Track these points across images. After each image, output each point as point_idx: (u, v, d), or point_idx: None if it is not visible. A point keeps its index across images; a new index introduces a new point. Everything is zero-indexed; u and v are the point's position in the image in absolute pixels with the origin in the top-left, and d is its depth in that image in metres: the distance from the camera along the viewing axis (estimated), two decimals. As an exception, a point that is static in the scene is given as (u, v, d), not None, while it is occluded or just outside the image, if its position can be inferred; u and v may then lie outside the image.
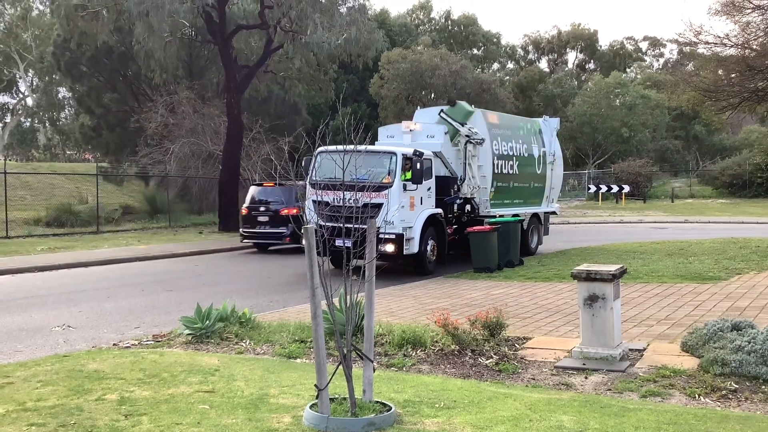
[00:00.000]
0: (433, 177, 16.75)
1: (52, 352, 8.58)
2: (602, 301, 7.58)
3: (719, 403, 6.31)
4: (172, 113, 32.73)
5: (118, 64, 36.53)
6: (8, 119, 59.15)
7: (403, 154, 15.78)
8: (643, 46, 76.69)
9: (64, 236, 24.75)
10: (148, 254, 19.99)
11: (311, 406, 5.65)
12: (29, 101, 57.46)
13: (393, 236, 15.31)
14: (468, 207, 18.21)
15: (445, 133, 18.11)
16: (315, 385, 5.59)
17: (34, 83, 54.14)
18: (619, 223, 34.35)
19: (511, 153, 19.63)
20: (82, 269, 17.43)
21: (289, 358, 8.07)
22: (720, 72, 22.52)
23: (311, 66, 34.71)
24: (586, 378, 7.17)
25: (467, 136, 17.87)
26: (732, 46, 20.85)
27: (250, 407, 6.01)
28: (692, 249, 19.58)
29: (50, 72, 44.01)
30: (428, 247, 16.34)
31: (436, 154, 17.24)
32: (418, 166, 15.78)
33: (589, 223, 34.78)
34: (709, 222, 33.83)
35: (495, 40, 69.12)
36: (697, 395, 6.51)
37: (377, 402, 5.82)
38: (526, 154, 20.44)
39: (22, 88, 58.63)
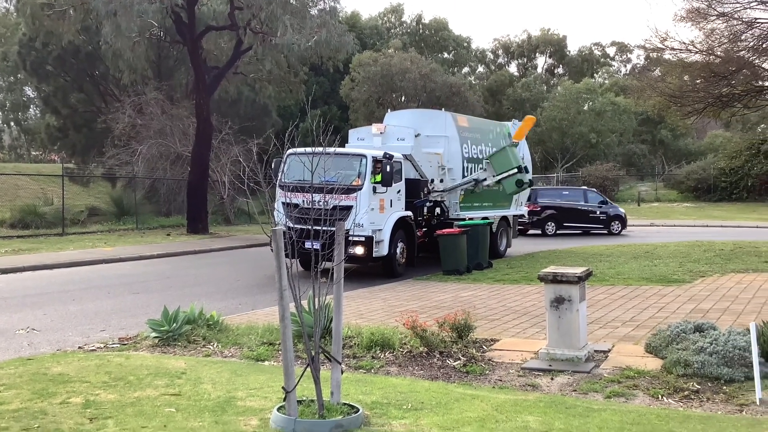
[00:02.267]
0: (403, 180, 16.80)
1: (16, 356, 8.45)
2: (568, 303, 7.67)
3: (682, 404, 6.42)
4: (140, 114, 32.40)
5: (85, 64, 36.06)
6: (-28, 119, 58.03)
7: (373, 157, 15.81)
8: (611, 51, 77.61)
9: (28, 238, 24.36)
10: (114, 256, 19.76)
11: (279, 409, 5.64)
12: (-7, 101, 56.41)
13: (362, 238, 15.33)
14: (438, 210, 18.27)
15: (416, 136, 18.10)
16: (282, 388, 5.59)
17: (0, 83, 53.15)
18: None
19: (480, 156, 19.75)
20: (47, 272, 17.17)
21: (257, 360, 8.05)
22: (685, 78, 22.90)
23: (281, 68, 34.57)
24: (552, 379, 7.25)
25: None
26: (697, 52, 21.22)
27: (217, 410, 5.99)
28: (657, 252, 19.88)
29: (15, 71, 43.27)
30: (398, 250, 16.40)
31: (406, 157, 17.27)
32: (388, 168, 15.83)
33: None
34: (675, 225, 34.38)
35: (465, 44, 69.47)
36: (660, 396, 6.61)
37: (345, 404, 5.83)
38: None
39: (-14, 88, 57.54)
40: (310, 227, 5.96)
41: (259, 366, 7.81)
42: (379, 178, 15.66)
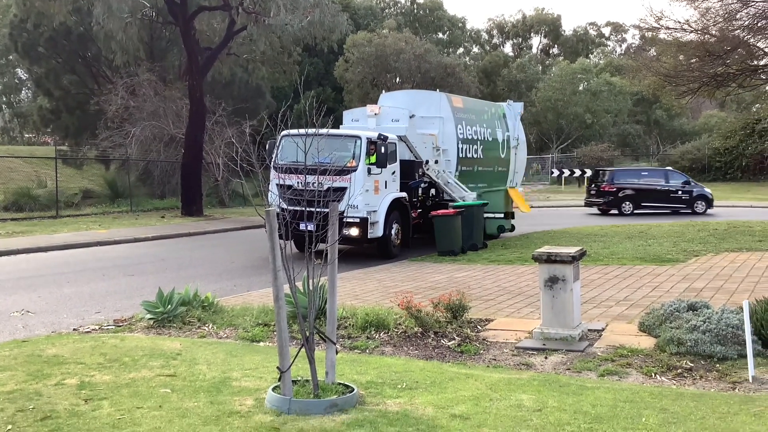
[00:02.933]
0: (398, 161, 16.77)
1: (11, 338, 8.45)
2: (562, 282, 7.69)
3: (675, 382, 6.46)
4: (133, 96, 32.21)
5: (77, 45, 35.79)
6: (-36, 102, 57.70)
7: (367, 138, 15.77)
8: (606, 31, 77.46)
9: (22, 221, 24.28)
10: (109, 239, 19.73)
11: (274, 389, 5.66)
12: (-15, 83, 56.05)
13: (357, 220, 15.34)
14: (432, 191, 18.27)
15: (410, 117, 18.04)
16: (277, 368, 5.60)
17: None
18: (582, 206, 34.75)
19: (475, 137, 19.73)
20: (42, 254, 17.14)
21: (252, 341, 8.06)
22: (680, 57, 22.81)
23: (275, 49, 34.38)
24: (545, 358, 7.28)
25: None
26: (692, 31, 21.14)
27: (212, 390, 6.00)
28: (651, 232, 19.93)
29: (7, 53, 42.97)
30: (393, 231, 16.42)
31: (401, 138, 17.23)
32: (383, 149, 15.78)
33: (553, 206, 35.14)
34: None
35: (460, 24, 69.19)
36: (653, 374, 6.65)
37: (340, 384, 5.85)
38: (490, 138, 20.56)
39: (-22, 70, 57.16)
40: (304, 209, 5.95)
41: (254, 347, 7.83)
42: (373, 159, 15.61)
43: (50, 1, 27.61)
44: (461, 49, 71.17)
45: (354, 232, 15.41)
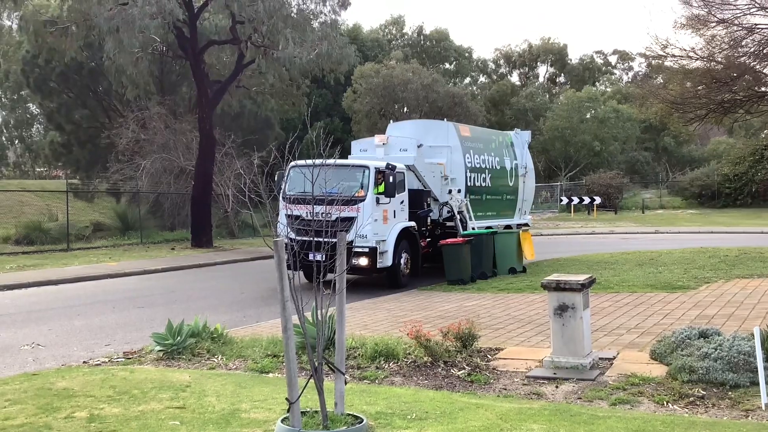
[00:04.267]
0: (406, 190, 16.80)
1: (21, 371, 8.47)
2: (572, 310, 7.66)
3: (687, 410, 6.40)
4: (144, 129, 32.52)
5: (88, 80, 36.23)
6: (-24, 136, 58.29)
7: (375, 168, 15.85)
8: (612, 59, 77.80)
9: (33, 254, 24.41)
10: (119, 271, 19.80)
11: (283, 420, 5.62)
12: (-2, 118, 56.70)
13: (366, 249, 15.35)
14: (454, 221, 18.25)
15: (418, 146, 18.10)
16: (286, 399, 5.58)
17: (3, 100, 53.42)
18: (591, 234, 34.69)
19: (483, 165, 19.82)
20: (53, 287, 17.20)
21: (261, 372, 8.05)
22: (687, 84, 22.89)
23: (283, 81, 34.67)
24: (556, 387, 7.23)
25: None
26: (698, 59, 21.25)
27: (221, 422, 5.99)
28: (662, 259, 19.83)
29: (19, 88, 43.51)
30: (402, 260, 16.40)
31: (409, 168, 17.28)
32: (391, 179, 15.84)
33: (562, 234, 35.07)
34: (679, 232, 34.29)
35: (467, 54, 69.69)
36: (665, 402, 6.60)
37: (349, 414, 5.81)
38: (498, 167, 20.65)
39: (-9, 105, 57.84)
40: (312, 239, 5.98)
41: (263, 378, 7.81)
42: (382, 188, 15.67)
43: (62, 37, 27.99)
44: (468, 79, 71.64)
45: (363, 261, 15.39)
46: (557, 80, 75.02)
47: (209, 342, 9.13)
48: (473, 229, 18.27)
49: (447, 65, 68.03)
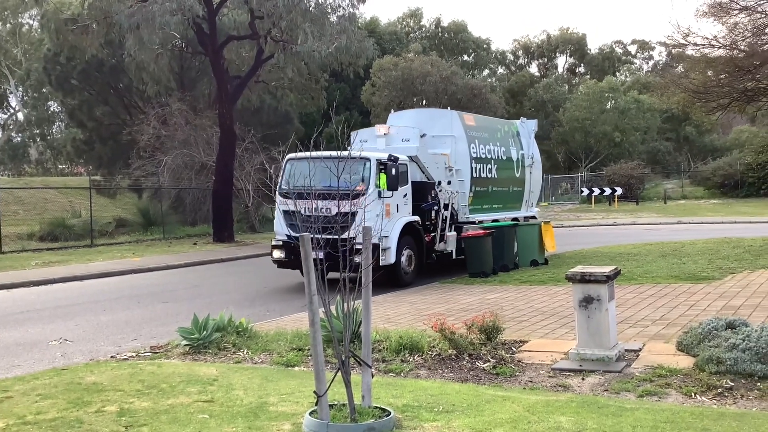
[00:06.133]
0: (409, 183, 16.00)
1: (50, 366, 8.58)
2: (597, 302, 7.63)
3: (715, 401, 6.37)
4: (164, 125, 32.74)
5: (109, 77, 36.52)
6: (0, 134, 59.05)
7: (377, 160, 15.09)
8: (632, 49, 77.18)
9: (58, 250, 24.68)
10: (143, 266, 19.97)
11: (311, 413, 5.67)
12: (20, 116, 57.39)
13: None
14: (446, 213, 17.27)
15: (421, 136, 17.38)
16: (314, 392, 5.62)
17: (25, 98, 54.05)
18: (613, 225, 34.48)
19: (489, 156, 19.05)
20: (78, 283, 17.40)
21: (287, 366, 8.09)
22: (709, 73, 22.62)
23: (302, 75, 34.77)
24: (583, 379, 7.21)
25: None
26: (720, 47, 20.97)
27: (249, 416, 6.03)
28: (686, 249, 19.68)
29: (40, 86, 43.98)
30: (404, 257, 15.60)
31: (412, 159, 16.52)
32: (393, 171, 15.04)
33: (583, 226, 34.89)
34: (702, 222, 33.99)
35: (485, 45, 69.40)
36: (693, 394, 6.56)
37: (376, 407, 5.85)
38: (504, 157, 19.85)
39: (13, 103, 58.55)
40: (314, 236, 5.90)
41: (289, 371, 7.86)
42: (384, 181, 14.91)
43: (83, 34, 28.22)
44: (487, 71, 71.37)
45: None
46: (576, 70, 74.55)
47: (234, 336, 9.19)
48: (477, 222, 17.77)
49: (465, 57, 67.82)
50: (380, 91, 47.42)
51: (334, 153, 6.45)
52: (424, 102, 48.23)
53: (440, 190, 17.10)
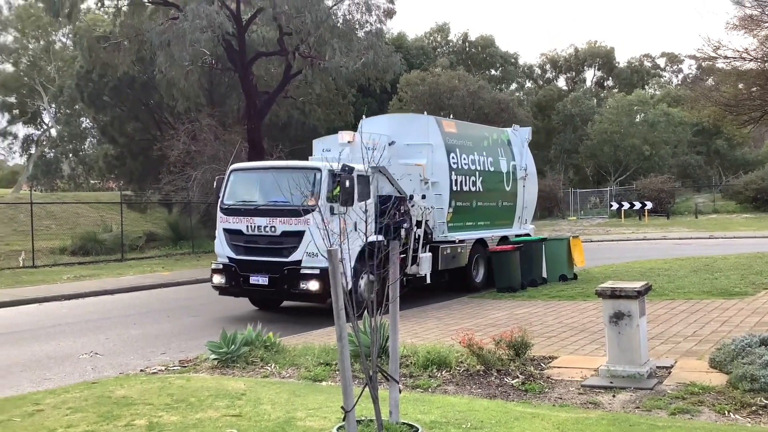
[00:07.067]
0: (373, 197, 13.69)
1: (81, 379, 8.67)
2: (628, 318, 7.53)
3: (749, 420, 6.24)
4: (194, 140, 33.09)
5: (140, 93, 37.05)
6: (33, 150, 60.09)
7: (329, 170, 13.14)
8: (661, 62, 76.58)
9: (89, 264, 25.01)
10: (172, 280, 20.14)
11: (338, 429, 5.65)
12: (53, 132, 58.37)
13: (317, 271, 12.63)
14: (419, 232, 15.25)
15: (389, 144, 15.64)
16: (341, 407, 5.60)
17: (58, 114, 54.97)
18: (643, 239, 34.10)
19: (473, 167, 17.22)
20: (109, 297, 17.60)
21: (314, 381, 8.09)
22: (740, 86, 22.42)
23: (330, 90, 35.00)
24: (613, 396, 7.12)
25: None
26: (751, 60, 20.80)
27: (277, 430, 6.04)
28: (718, 264, 19.38)
29: (73, 103, 44.72)
30: (362, 283, 13.42)
31: (379, 169, 14.25)
32: (348, 183, 13.05)
33: (613, 240, 34.54)
34: (734, 237, 33.47)
35: (513, 60, 69.26)
36: (726, 412, 6.44)
37: (404, 423, 5.81)
38: (491, 169, 18.02)
39: (46, 120, 59.58)
40: (256, 258, 5.62)
41: (316, 386, 7.85)
42: (336, 194, 13.11)
43: (114, 52, 28.74)
44: (514, 85, 71.19)
45: (313, 286, 12.68)
46: (605, 84, 74.09)
47: (262, 350, 9.22)
48: (458, 241, 16.27)
49: (493, 71, 67.74)
50: (407, 106, 47.47)
51: (281, 162, 6.13)
52: (451, 116, 48.15)
53: (412, 205, 15.13)
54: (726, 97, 21.92)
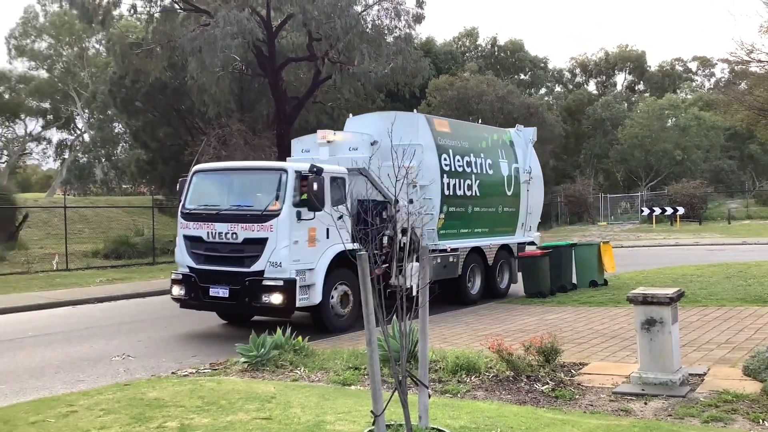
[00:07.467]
0: (349, 201, 12.92)
1: (113, 381, 8.79)
2: (660, 325, 7.46)
3: (785, 429, 6.14)
4: (224, 145, 33.33)
5: (171, 99, 37.45)
6: (66, 155, 61.06)
7: (296, 171, 12.19)
8: (693, 66, 75.68)
9: (121, 268, 25.33)
10: (202, 284, 20.30)
11: (368, 433, 5.66)
12: (86, 137, 59.25)
13: (280, 283, 11.71)
14: (404, 239, 13.23)
15: (372, 144, 14.64)
16: (371, 412, 5.61)
17: (91, 120, 55.78)
18: (675, 245, 33.67)
19: (468, 169, 16.05)
20: (141, 299, 17.80)
21: (343, 385, 8.12)
22: (775, 90, 22.10)
23: (359, 95, 35.08)
24: (645, 403, 7.04)
25: None
26: (786, 63, 20.49)
27: (307, 434, 6.06)
28: (751, 271, 19.08)
29: (106, 108, 45.37)
30: (336, 296, 12.68)
31: (360, 171, 13.45)
32: (316, 186, 11.94)
33: (644, 246, 34.16)
34: (768, 243, 32.92)
35: (542, 64, 68.84)
36: (761, 420, 6.35)
37: (433, 428, 5.80)
38: (490, 171, 16.86)
39: (80, 125, 60.51)
40: (216, 268, 5.22)
41: (345, 390, 7.88)
42: (303, 199, 12.03)
43: (147, 58, 29.09)
44: (543, 89, 70.77)
45: (276, 299, 11.75)
46: (636, 88, 73.39)
47: (292, 354, 9.27)
48: (450, 250, 15.26)
49: (522, 76, 67.40)
50: (436, 111, 47.33)
51: (246, 163, 5.67)
52: (480, 121, 48.06)
53: (398, 211, 13.58)
54: (760, 101, 21.64)
